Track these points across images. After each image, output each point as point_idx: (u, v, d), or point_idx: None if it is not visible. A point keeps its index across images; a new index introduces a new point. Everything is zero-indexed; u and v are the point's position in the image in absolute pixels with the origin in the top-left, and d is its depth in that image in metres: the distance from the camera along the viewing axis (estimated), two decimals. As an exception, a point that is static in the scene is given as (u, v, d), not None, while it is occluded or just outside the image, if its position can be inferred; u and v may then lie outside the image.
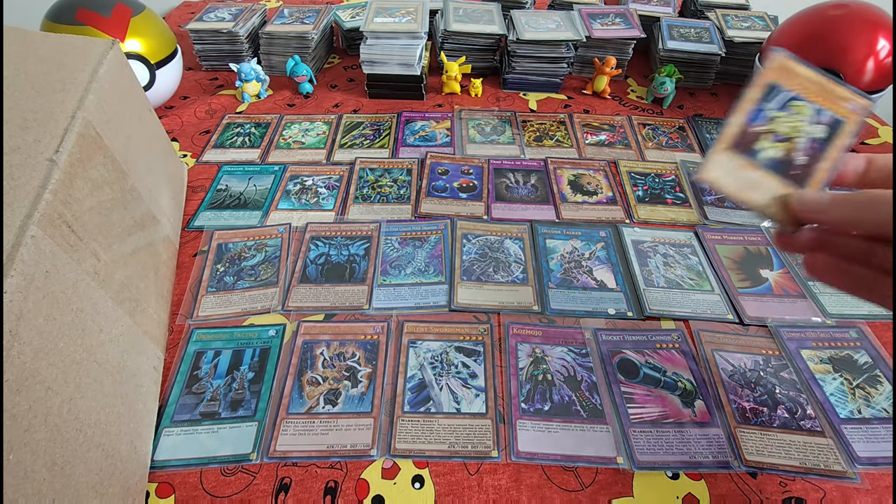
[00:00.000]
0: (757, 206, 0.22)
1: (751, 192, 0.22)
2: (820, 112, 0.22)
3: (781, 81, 0.22)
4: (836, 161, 0.22)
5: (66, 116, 0.26)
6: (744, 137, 0.22)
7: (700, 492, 0.27)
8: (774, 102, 0.22)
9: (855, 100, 0.22)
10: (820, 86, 0.22)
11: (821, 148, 0.22)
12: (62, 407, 0.20)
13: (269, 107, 0.55)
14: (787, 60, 0.22)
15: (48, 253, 0.21)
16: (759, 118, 0.22)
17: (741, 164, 0.22)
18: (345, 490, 0.27)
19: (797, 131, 0.22)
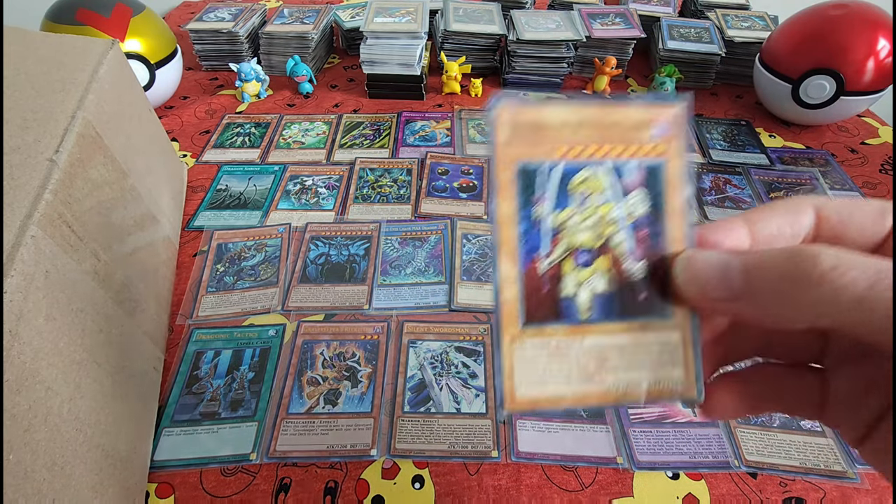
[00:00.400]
0: (628, 396, 0.13)
1: (600, 379, 0.13)
2: (620, 170, 0.13)
3: (531, 153, 0.13)
4: (685, 232, 0.13)
5: (66, 116, 0.26)
6: (534, 294, 0.13)
7: (700, 492, 0.27)
8: (543, 198, 0.13)
9: (656, 117, 0.13)
10: (593, 125, 0.13)
11: (656, 229, 0.13)
12: (62, 407, 0.20)
13: (269, 107, 0.55)
14: (517, 110, 0.13)
15: (48, 253, 0.21)
16: (534, 241, 0.13)
17: (557, 346, 0.13)
18: (345, 490, 0.27)
19: (604, 228, 0.13)
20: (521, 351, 0.13)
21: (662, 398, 0.13)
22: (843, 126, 0.55)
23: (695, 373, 0.13)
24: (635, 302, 0.13)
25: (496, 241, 0.13)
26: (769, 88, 0.52)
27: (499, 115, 0.13)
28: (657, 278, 0.13)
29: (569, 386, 0.13)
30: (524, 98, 0.13)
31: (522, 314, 0.13)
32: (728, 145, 0.51)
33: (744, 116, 0.56)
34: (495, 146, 0.13)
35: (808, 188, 0.46)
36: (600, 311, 0.13)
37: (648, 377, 0.13)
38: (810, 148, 0.52)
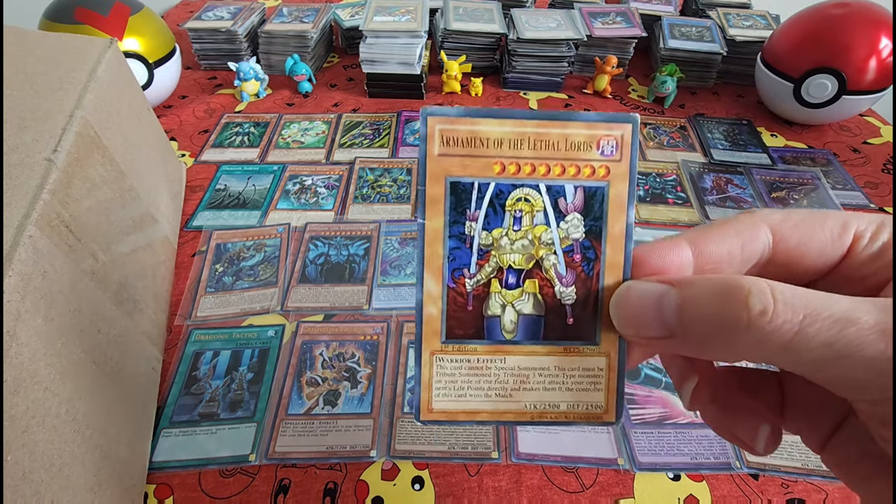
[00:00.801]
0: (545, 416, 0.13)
1: (518, 398, 0.13)
2: (559, 192, 0.12)
3: (465, 169, 0.12)
4: (624, 259, 0.12)
5: (64, 116, 0.25)
6: (458, 312, 0.13)
7: (701, 493, 0.27)
8: (474, 216, 0.12)
9: (603, 136, 0.12)
10: (534, 142, 0.12)
11: (591, 254, 0.13)
12: (60, 408, 0.20)
13: (268, 106, 0.55)
14: (452, 122, 0.12)
15: (46, 253, 0.21)
16: (462, 259, 0.13)
17: (477, 363, 0.13)
18: (344, 491, 0.26)
19: (536, 250, 0.13)
20: (440, 365, 0.13)
21: (580, 421, 0.13)
22: (844, 125, 0.55)
23: (616, 397, 0.13)
24: (562, 326, 0.13)
25: (421, 257, 0.13)
26: (771, 88, 0.52)
27: (431, 126, 0.12)
28: (588, 304, 0.13)
29: (487, 402, 0.13)
30: (457, 109, 0.12)
31: (444, 330, 0.13)
32: (729, 145, 0.51)
33: (745, 116, 0.56)
34: (426, 158, 0.12)
35: (810, 188, 0.46)
36: (524, 333, 0.13)
37: (568, 399, 0.13)
38: (812, 147, 0.52)
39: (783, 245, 0.11)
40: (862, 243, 0.11)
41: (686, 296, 0.10)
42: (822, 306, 0.09)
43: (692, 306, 0.10)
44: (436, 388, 0.13)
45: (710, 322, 0.10)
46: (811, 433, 0.13)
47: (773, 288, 0.09)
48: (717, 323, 0.10)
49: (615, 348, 0.13)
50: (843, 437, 0.12)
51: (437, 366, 0.13)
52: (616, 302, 0.12)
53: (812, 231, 0.11)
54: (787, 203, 0.45)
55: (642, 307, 0.11)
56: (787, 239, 0.11)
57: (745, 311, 0.09)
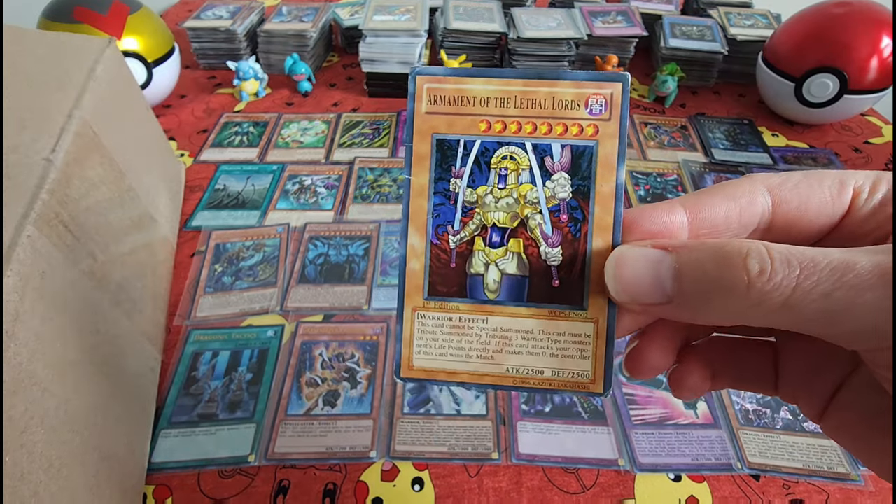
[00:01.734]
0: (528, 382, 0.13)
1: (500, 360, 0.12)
2: (545, 150, 0.12)
3: (451, 126, 0.12)
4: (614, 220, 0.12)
5: (62, 115, 0.25)
6: (441, 269, 0.13)
7: (702, 494, 0.27)
8: (459, 172, 0.12)
9: (591, 95, 0.12)
10: (521, 100, 0.12)
11: (578, 214, 0.12)
12: (59, 409, 0.20)
13: (268, 105, 0.55)
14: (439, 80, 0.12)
15: (45, 253, 0.21)
16: (446, 215, 0.13)
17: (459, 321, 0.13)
18: (344, 492, 0.26)
19: (521, 209, 0.12)
20: (422, 322, 0.13)
21: (565, 389, 0.13)
22: (846, 125, 0.55)
23: (604, 367, 0.13)
24: (548, 288, 0.12)
25: (406, 211, 0.13)
26: (772, 87, 0.52)
27: (419, 85, 0.12)
28: (575, 267, 0.12)
29: (467, 363, 0.13)
30: (445, 68, 0.12)
31: (427, 286, 0.13)
32: (730, 144, 0.51)
33: (746, 115, 0.56)
34: (413, 115, 0.12)
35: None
36: (508, 293, 0.13)
37: (553, 366, 0.13)
38: (813, 147, 0.52)
39: (783, 207, 0.11)
40: (861, 199, 0.11)
41: (683, 261, 0.10)
42: (819, 257, 0.09)
43: (690, 271, 0.10)
44: (416, 346, 0.13)
45: (708, 287, 0.10)
46: (809, 401, 0.12)
47: (768, 248, 0.09)
48: (716, 287, 0.10)
49: (604, 314, 0.12)
50: (841, 401, 0.12)
51: (419, 322, 0.13)
52: (611, 267, 0.12)
53: (811, 191, 0.11)
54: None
55: (639, 272, 0.11)
56: (788, 201, 0.11)
57: (744, 273, 0.09)
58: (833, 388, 0.12)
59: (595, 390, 0.13)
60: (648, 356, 0.13)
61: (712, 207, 0.11)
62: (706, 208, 0.11)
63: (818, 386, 0.12)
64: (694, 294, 0.10)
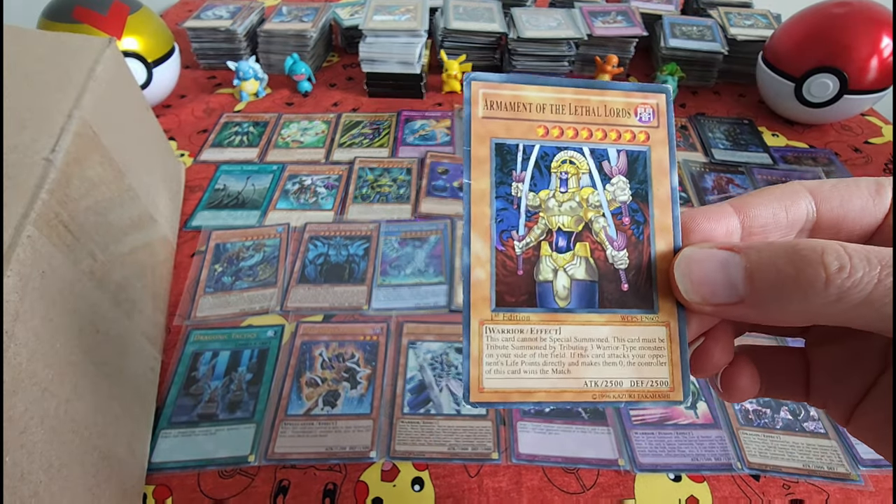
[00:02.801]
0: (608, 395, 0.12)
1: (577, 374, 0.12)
2: (602, 155, 0.12)
3: (509, 131, 0.12)
4: (673, 222, 0.12)
5: (62, 115, 0.25)
6: (507, 277, 0.12)
7: (702, 494, 0.27)
8: (520, 177, 0.12)
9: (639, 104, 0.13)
10: (574, 108, 0.12)
11: (639, 217, 0.12)
12: (59, 409, 0.20)
13: (268, 105, 0.55)
14: (496, 87, 0.12)
15: (44, 253, 0.21)
16: (509, 220, 0.12)
17: (530, 334, 0.12)
18: (344, 492, 0.26)
19: (585, 212, 0.12)
20: (491, 336, 0.12)
21: (645, 400, 0.12)
22: (846, 125, 0.55)
23: (681, 373, 0.12)
24: (617, 292, 0.12)
25: (469, 217, 0.12)
26: (772, 87, 0.52)
27: (475, 91, 0.12)
28: (642, 269, 0.12)
29: (542, 379, 0.12)
30: (503, 76, 0.12)
31: (494, 297, 0.12)
32: (730, 144, 0.51)
33: (746, 115, 0.56)
34: (471, 119, 0.12)
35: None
36: (579, 300, 0.12)
37: (631, 375, 0.12)
38: (813, 147, 0.52)
39: (826, 206, 0.11)
40: None
41: (754, 260, 0.10)
42: None
43: (762, 271, 0.10)
44: (486, 364, 0.12)
45: (784, 286, 0.10)
46: (838, 404, 0.12)
47: (845, 246, 0.09)
48: (791, 285, 0.10)
49: (674, 318, 0.12)
50: (870, 404, 0.12)
51: (488, 337, 0.12)
52: (680, 267, 0.12)
53: (850, 191, 0.11)
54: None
55: (709, 273, 0.11)
56: (829, 200, 0.11)
57: (822, 270, 0.09)
58: (863, 391, 0.12)
59: (675, 398, 0.12)
60: (713, 354, 0.13)
61: (761, 208, 0.12)
62: (755, 209, 0.12)
63: (848, 389, 0.12)
64: (768, 293, 0.10)
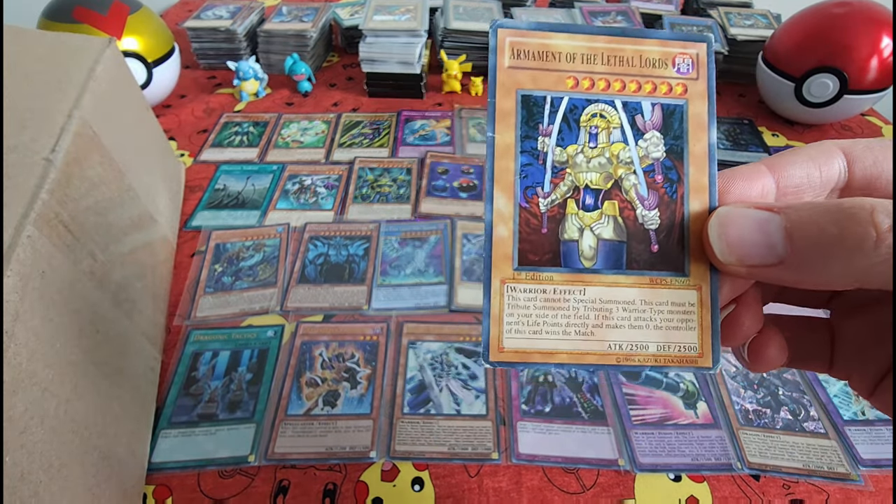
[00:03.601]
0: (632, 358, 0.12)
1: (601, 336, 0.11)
2: (635, 108, 0.12)
3: (536, 82, 0.12)
4: (709, 180, 0.12)
5: (62, 115, 0.25)
6: (531, 235, 0.12)
7: (702, 494, 0.27)
8: (547, 130, 0.12)
9: (678, 54, 0.12)
10: (608, 57, 0.12)
11: (673, 175, 0.12)
12: (59, 408, 0.20)
13: (268, 105, 0.55)
14: (524, 34, 0.12)
15: (44, 253, 0.21)
16: (535, 176, 0.12)
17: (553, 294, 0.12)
18: (344, 492, 0.26)
19: (615, 169, 0.12)
20: (512, 295, 0.11)
21: (672, 365, 0.11)
22: (846, 125, 0.55)
23: (711, 339, 0.12)
24: (646, 253, 0.12)
25: (491, 172, 0.11)
26: (772, 87, 0.52)
27: (502, 38, 0.11)
28: (674, 230, 0.12)
29: (565, 340, 0.11)
30: (531, 24, 0.12)
31: (517, 255, 0.11)
32: (730, 144, 0.51)
33: (746, 115, 0.56)
34: (496, 69, 0.12)
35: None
36: (605, 261, 0.12)
37: (657, 339, 0.12)
38: (813, 147, 0.52)
39: (859, 165, 0.11)
40: None
41: (794, 220, 0.10)
42: None
43: (804, 230, 0.10)
44: (507, 323, 0.11)
45: (828, 246, 0.09)
46: (863, 377, 0.12)
47: (891, 204, 0.09)
48: (836, 245, 0.09)
49: (706, 281, 0.12)
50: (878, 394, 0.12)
51: (509, 296, 0.11)
52: (715, 227, 0.11)
53: (884, 152, 0.11)
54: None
55: (746, 232, 0.10)
56: (862, 159, 0.11)
57: (872, 229, 0.09)
58: (888, 365, 0.12)
59: (704, 364, 0.12)
60: (744, 321, 0.12)
61: (794, 168, 0.11)
62: (789, 169, 0.11)
63: (873, 362, 0.12)
64: (810, 254, 0.10)
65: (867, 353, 0.12)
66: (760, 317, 0.12)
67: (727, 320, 0.12)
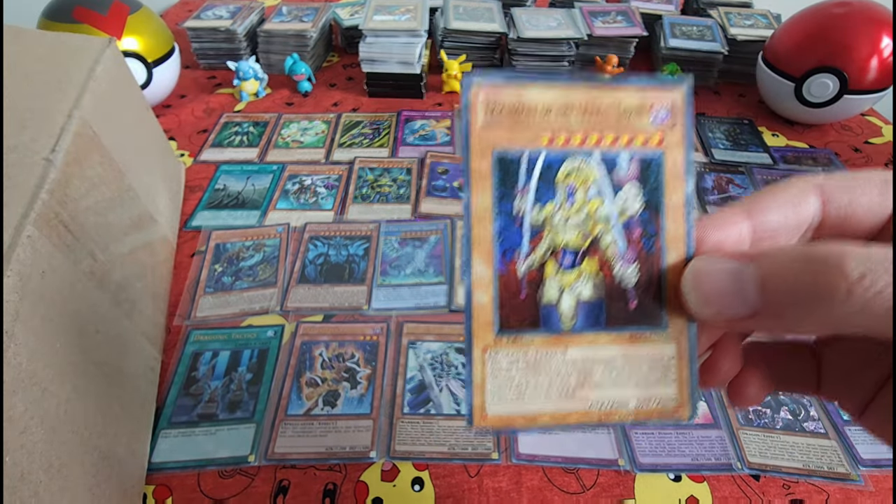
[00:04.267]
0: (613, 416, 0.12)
1: (582, 396, 0.12)
2: (612, 162, 0.12)
3: (511, 139, 0.11)
4: (686, 232, 0.12)
5: (62, 115, 0.25)
6: (511, 299, 0.12)
7: (702, 494, 0.27)
8: (523, 191, 0.12)
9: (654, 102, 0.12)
10: (583, 110, 0.11)
11: (651, 228, 0.12)
12: (59, 408, 0.20)
13: (268, 105, 0.55)
14: (496, 90, 0.11)
15: (44, 253, 0.21)
16: (512, 239, 0.12)
17: (535, 357, 0.12)
18: (344, 492, 0.26)
19: (592, 226, 0.12)
20: (494, 361, 0.12)
21: (651, 418, 0.12)
22: (846, 125, 0.55)
23: (689, 390, 0.12)
24: (625, 310, 0.12)
25: (469, 238, 0.11)
26: (772, 87, 0.52)
27: (474, 95, 0.11)
28: (652, 285, 0.12)
29: (547, 402, 0.12)
30: (504, 76, 0.11)
31: (497, 321, 0.11)
32: (730, 144, 0.51)
33: (746, 115, 0.56)
34: (469, 130, 0.11)
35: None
36: (585, 320, 0.12)
37: (637, 395, 0.12)
38: (813, 147, 0.52)
39: (833, 205, 0.11)
40: None
41: (768, 270, 0.10)
42: None
43: (776, 280, 0.10)
44: (490, 391, 0.11)
45: (800, 295, 0.09)
46: (851, 399, 0.12)
47: (867, 251, 0.09)
48: (809, 294, 0.09)
49: (684, 333, 0.12)
50: (884, 399, 0.11)
51: (491, 363, 0.11)
52: (689, 280, 0.11)
53: (859, 188, 0.11)
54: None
55: (719, 284, 0.10)
56: (837, 198, 0.11)
57: (843, 279, 0.09)
58: (876, 387, 0.12)
59: (681, 416, 0.12)
60: (722, 365, 0.12)
61: (771, 212, 0.11)
62: (763, 213, 0.11)
63: (861, 385, 0.12)
64: (784, 304, 0.09)
65: (853, 377, 0.12)
66: (738, 359, 0.12)
67: (705, 366, 0.12)
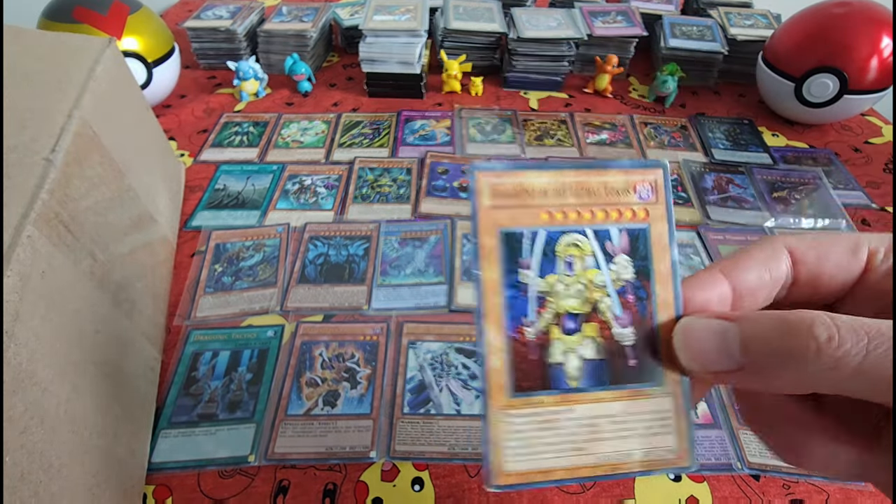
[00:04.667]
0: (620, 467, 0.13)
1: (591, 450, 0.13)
2: (604, 235, 0.13)
3: (514, 219, 0.13)
4: (674, 295, 0.13)
5: (62, 115, 0.25)
6: (521, 362, 0.13)
7: (702, 494, 0.27)
8: (527, 264, 0.13)
9: (637, 182, 0.13)
10: (575, 190, 0.13)
11: (643, 293, 0.13)
12: (59, 408, 0.20)
13: (268, 105, 0.55)
14: (499, 176, 0.13)
15: (44, 253, 0.21)
16: (520, 308, 0.13)
17: (546, 416, 0.13)
18: (344, 492, 0.26)
19: (591, 293, 0.13)
20: (509, 422, 0.13)
21: (655, 468, 0.13)
22: (846, 125, 0.55)
23: (688, 440, 0.13)
24: (625, 368, 0.13)
25: (482, 308, 0.13)
26: (772, 87, 0.52)
27: (479, 181, 0.13)
28: (647, 344, 0.13)
29: (559, 458, 0.13)
30: (505, 165, 0.13)
31: (511, 384, 0.13)
32: (730, 144, 0.51)
33: (746, 115, 0.56)
34: (478, 212, 0.13)
35: (811, 188, 0.46)
36: (589, 379, 0.13)
37: (642, 446, 0.13)
38: (813, 147, 0.52)
39: (803, 265, 0.12)
40: (877, 259, 0.12)
41: (748, 331, 0.11)
42: (884, 327, 0.09)
43: (757, 340, 0.11)
44: (507, 449, 0.12)
45: (777, 354, 0.10)
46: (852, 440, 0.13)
47: (832, 317, 0.10)
48: (784, 354, 0.10)
49: (679, 388, 0.13)
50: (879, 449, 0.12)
51: (507, 423, 0.13)
52: (680, 339, 0.12)
53: (827, 249, 0.12)
54: (789, 203, 0.44)
55: (706, 343, 0.12)
56: (805, 259, 0.12)
57: (812, 340, 0.10)
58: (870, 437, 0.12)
59: (683, 464, 0.13)
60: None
61: (747, 273, 0.12)
62: (742, 273, 0.12)
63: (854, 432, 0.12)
64: (765, 362, 0.10)
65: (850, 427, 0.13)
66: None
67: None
